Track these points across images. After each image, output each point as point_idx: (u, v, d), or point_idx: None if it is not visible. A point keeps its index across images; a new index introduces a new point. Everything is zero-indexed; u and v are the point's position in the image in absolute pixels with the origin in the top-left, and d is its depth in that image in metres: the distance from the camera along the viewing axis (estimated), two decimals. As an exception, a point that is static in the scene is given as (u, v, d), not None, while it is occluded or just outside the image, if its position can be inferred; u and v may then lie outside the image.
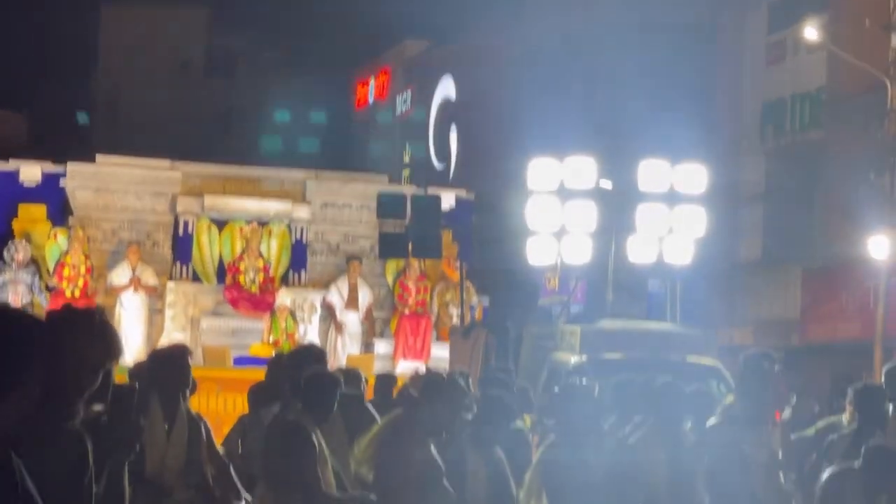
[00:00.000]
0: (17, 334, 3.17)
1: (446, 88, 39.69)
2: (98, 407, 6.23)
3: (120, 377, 8.03)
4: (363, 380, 11.60)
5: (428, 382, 7.26)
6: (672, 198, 16.65)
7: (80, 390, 4.22)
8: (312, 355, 9.13)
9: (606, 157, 17.72)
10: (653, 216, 16.68)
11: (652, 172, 16.66)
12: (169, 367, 7.77)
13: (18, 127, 44.10)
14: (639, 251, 16.98)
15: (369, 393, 11.75)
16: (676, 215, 16.71)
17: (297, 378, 7.97)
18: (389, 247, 18.99)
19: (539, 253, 17.24)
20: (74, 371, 3.91)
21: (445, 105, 39.77)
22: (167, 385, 7.69)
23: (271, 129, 48.30)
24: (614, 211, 16.86)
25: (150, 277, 20.70)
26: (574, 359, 13.77)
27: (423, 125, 40.97)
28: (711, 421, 8.57)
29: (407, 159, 42.46)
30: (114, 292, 20.61)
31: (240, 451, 9.97)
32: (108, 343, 4.54)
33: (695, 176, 16.82)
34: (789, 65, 28.18)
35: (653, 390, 8.83)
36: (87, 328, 4.23)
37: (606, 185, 17.47)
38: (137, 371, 9.70)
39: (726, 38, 29.86)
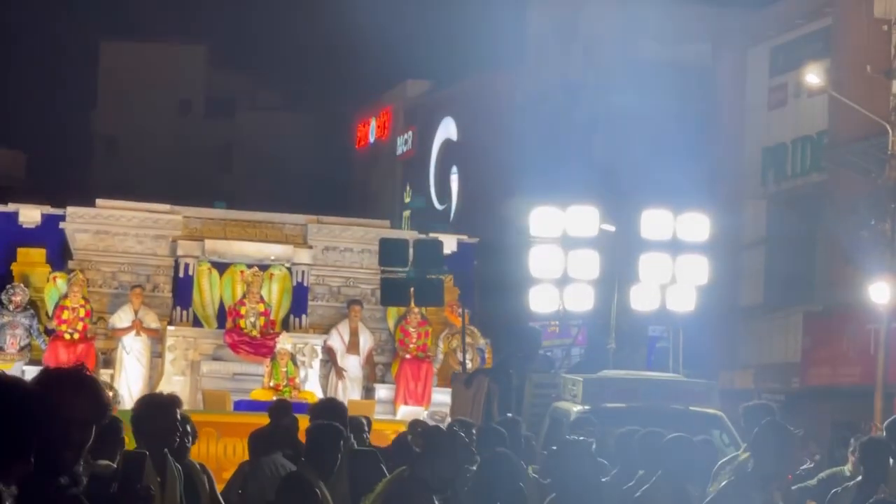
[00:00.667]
0: (18, 407, 3.27)
1: (447, 130, 39.84)
2: (104, 462, 6.25)
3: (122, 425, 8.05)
4: (366, 427, 11.64)
5: (430, 438, 7.28)
6: (675, 246, 16.72)
7: (73, 445, 4.27)
8: (331, 411, 9.17)
9: (609, 206, 17.82)
10: (655, 265, 16.74)
11: (654, 221, 16.73)
12: (158, 418, 7.61)
13: (17, 165, 44.23)
14: (641, 299, 17.03)
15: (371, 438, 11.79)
16: (679, 264, 16.78)
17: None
18: (391, 294, 19.04)
19: (541, 301, 17.29)
20: (64, 428, 3.95)
21: (446, 146, 39.90)
22: (157, 437, 7.53)
23: (271, 168, 48.44)
24: (617, 259, 16.93)
25: (152, 321, 20.75)
26: (577, 408, 13.77)
27: (423, 166, 41.08)
28: (721, 478, 8.59)
29: (407, 200, 42.55)
30: (115, 335, 20.65)
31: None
32: (96, 399, 4.56)
33: (697, 225, 16.89)
34: (790, 109, 28.32)
35: (658, 443, 8.85)
36: (74, 387, 4.24)
37: (609, 228, 17.55)
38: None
39: (727, 82, 30.02)
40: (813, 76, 24.26)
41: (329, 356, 21.27)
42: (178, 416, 7.48)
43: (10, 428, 3.27)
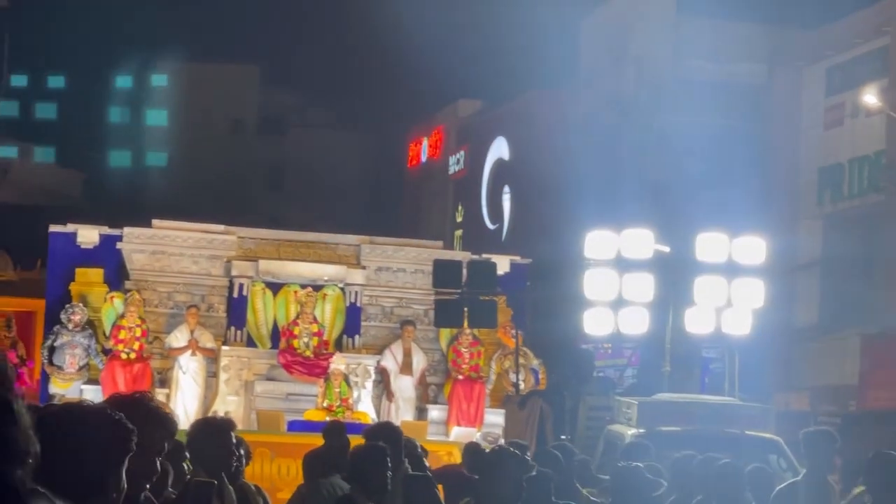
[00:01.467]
0: (105, 437, 3.29)
1: (499, 149, 39.95)
2: (169, 493, 6.37)
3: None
4: (419, 450, 11.72)
5: (486, 463, 7.32)
6: (730, 269, 16.78)
7: (146, 478, 4.28)
8: (386, 434, 9.25)
9: (663, 227, 17.89)
10: (711, 287, 16.81)
11: (710, 244, 16.81)
12: (214, 442, 7.65)
13: (74, 184, 44.76)
14: (696, 322, 17.09)
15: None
16: (735, 287, 16.83)
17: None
18: (445, 315, 19.18)
19: (596, 323, 17.39)
20: (138, 461, 3.83)
21: (499, 166, 40.02)
22: (213, 462, 7.57)
23: (322, 186, 48.73)
24: (672, 282, 17.00)
25: (207, 340, 20.98)
26: (631, 432, 13.84)
27: (475, 186, 41.20)
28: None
29: (459, 219, 42.68)
30: (171, 355, 20.89)
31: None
32: (166, 426, 4.53)
33: (753, 248, 16.94)
34: (847, 129, 28.21)
35: (712, 470, 8.91)
36: (144, 416, 4.16)
37: (664, 249, 17.61)
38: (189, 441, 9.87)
39: (782, 101, 29.96)
40: (870, 96, 24.21)
41: (382, 377, 21.42)
42: (234, 440, 7.53)
43: (89, 461, 3.24)
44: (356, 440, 10.18)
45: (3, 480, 2.36)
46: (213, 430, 7.43)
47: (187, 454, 8.80)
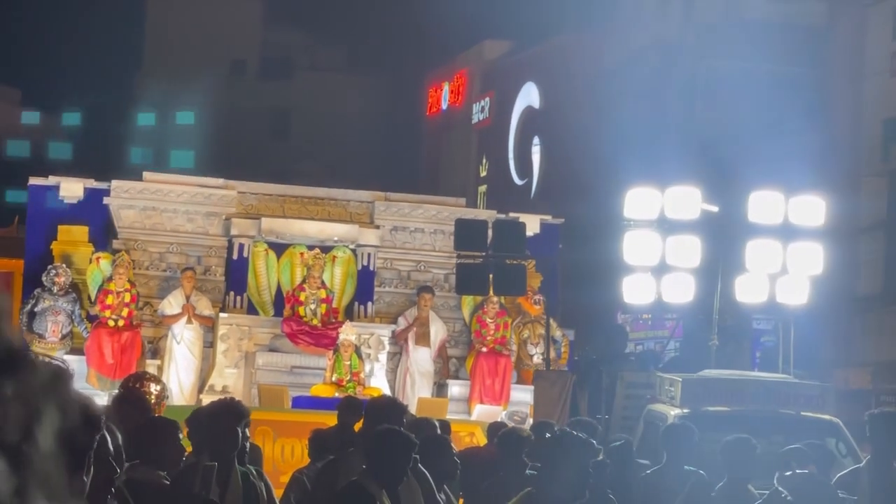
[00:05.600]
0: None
1: (529, 96, 39.78)
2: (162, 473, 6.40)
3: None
4: (437, 428, 11.68)
5: (551, 449, 7.28)
6: (786, 232, 16.65)
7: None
8: (391, 410, 9.22)
9: (711, 185, 17.76)
10: (764, 252, 16.68)
11: (764, 204, 16.66)
12: (216, 428, 7.80)
13: (59, 132, 44.82)
14: (748, 290, 16.98)
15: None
16: (791, 252, 16.70)
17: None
18: (468, 282, 19.06)
19: (636, 291, 17.29)
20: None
21: (528, 115, 39.85)
22: (217, 447, 7.73)
23: (332, 136, 48.67)
24: (721, 245, 16.88)
25: (204, 307, 20.94)
26: (674, 412, 13.77)
27: (502, 136, 41.06)
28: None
29: (484, 174, 42.57)
30: (165, 323, 20.87)
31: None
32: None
33: (811, 209, 16.79)
34: (917, 76, 28.03)
35: (774, 456, 8.89)
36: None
37: (712, 209, 17.50)
38: (193, 422, 9.87)
39: (845, 45, 29.72)
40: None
41: (398, 343, 21.34)
42: (244, 424, 7.71)
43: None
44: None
45: None
46: (217, 414, 7.74)
47: (192, 436, 8.84)
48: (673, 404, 14.00)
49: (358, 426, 12.47)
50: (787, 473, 8.36)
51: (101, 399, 15.20)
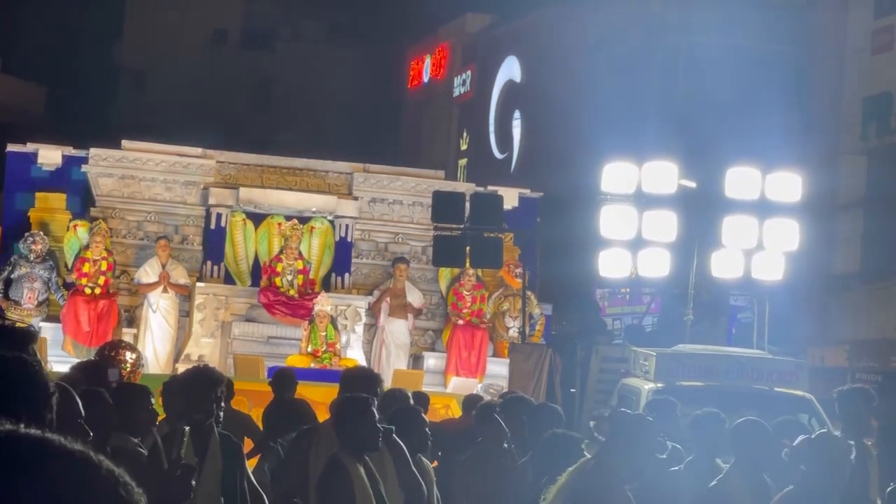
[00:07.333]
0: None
1: (510, 70, 39.69)
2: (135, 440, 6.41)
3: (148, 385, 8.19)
4: (410, 399, 11.69)
5: (618, 424, 7.30)
6: (763, 208, 16.66)
7: None
8: (365, 381, 9.21)
9: (689, 160, 17.76)
10: (740, 228, 16.70)
11: (741, 180, 16.67)
12: (193, 395, 7.82)
13: (37, 100, 44.54)
14: (723, 266, 16.99)
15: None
16: (767, 228, 16.72)
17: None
18: (445, 254, 19.06)
19: (612, 265, 17.30)
20: None
21: (509, 89, 39.78)
22: (194, 414, 7.75)
23: (313, 108, 48.52)
24: (697, 221, 16.89)
25: (180, 276, 20.89)
26: (648, 386, 13.79)
27: (482, 110, 40.99)
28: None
29: (464, 147, 42.52)
30: (141, 291, 20.82)
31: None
32: None
33: (788, 185, 16.81)
34: (896, 54, 28.01)
35: (736, 428, 8.86)
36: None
37: (689, 185, 17.49)
38: (169, 389, 9.87)
39: (826, 22, 29.71)
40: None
41: (372, 313, 21.34)
42: (216, 393, 7.75)
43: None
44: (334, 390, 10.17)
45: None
46: (194, 380, 7.85)
47: (166, 403, 8.81)
48: (647, 378, 14.03)
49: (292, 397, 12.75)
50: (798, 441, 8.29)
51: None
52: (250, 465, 9.00)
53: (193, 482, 5.76)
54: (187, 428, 5.97)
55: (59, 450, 1.94)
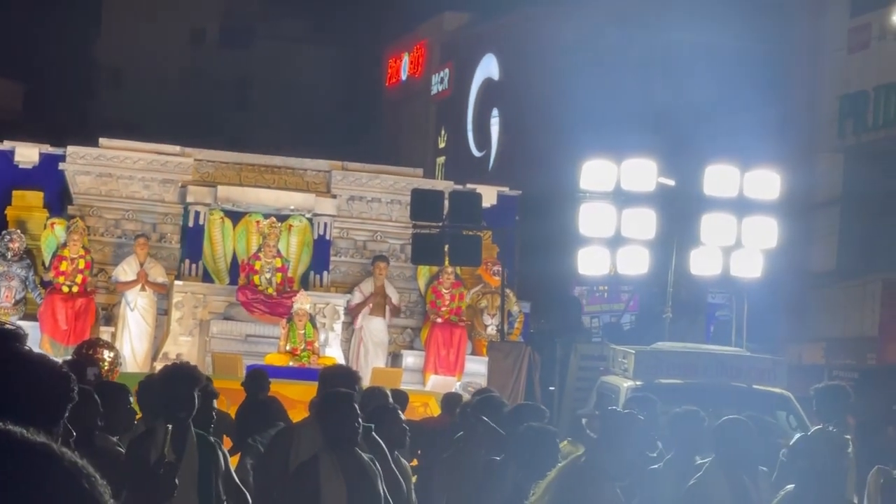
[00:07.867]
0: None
1: (488, 68, 39.67)
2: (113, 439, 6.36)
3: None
4: (388, 397, 11.66)
5: (609, 421, 7.30)
6: (741, 206, 16.67)
7: None
8: (343, 379, 9.18)
9: (668, 158, 17.74)
10: (719, 225, 16.71)
11: (719, 178, 16.68)
12: (172, 393, 7.79)
13: (14, 98, 44.38)
14: (702, 263, 17.00)
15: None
16: (745, 225, 16.73)
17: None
18: (424, 252, 19.05)
19: (591, 263, 17.29)
20: None
21: (487, 87, 39.75)
22: (172, 412, 7.72)
23: (291, 105, 48.44)
24: (676, 218, 16.89)
25: (158, 274, 20.83)
26: (627, 384, 13.78)
27: (461, 108, 40.96)
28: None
29: (442, 145, 42.48)
30: (118, 289, 20.74)
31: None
32: None
33: (766, 183, 16.82)
34: (873, 53, 28.02)
35: (719, 427, 8.85)
36: None
37: (668, 183, 17.49)
38: (146, 387, 9.82)
39: (802, 21, 29.74)
40: (900, 16, 24.02)
41: (352, 316, 21.29)
42: (194, 392, 7.72)
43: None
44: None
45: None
46: (171, 378, 7.83)
47: (142, 401, 8.76)
48: (626, 376, 14.02)
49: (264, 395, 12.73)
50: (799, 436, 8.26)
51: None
52: (232, 462, 8.97)
53: (177, 480, 5.74)
54: (170, 426, 5.94)
55: (20, 442, 1.91)
